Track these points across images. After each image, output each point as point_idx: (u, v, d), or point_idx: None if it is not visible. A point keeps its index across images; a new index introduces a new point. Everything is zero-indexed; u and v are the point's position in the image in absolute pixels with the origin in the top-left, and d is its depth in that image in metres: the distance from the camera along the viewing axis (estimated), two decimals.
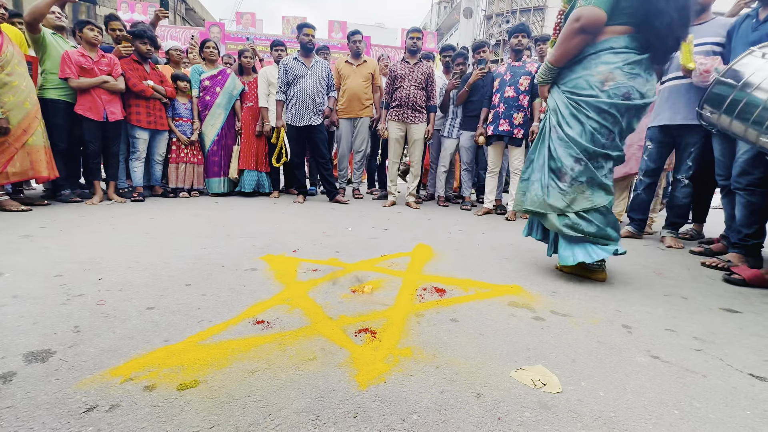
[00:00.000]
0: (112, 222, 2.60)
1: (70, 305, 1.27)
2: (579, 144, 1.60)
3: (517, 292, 1.60)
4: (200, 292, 1.44)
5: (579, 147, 1.60)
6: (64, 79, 3.08)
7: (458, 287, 1.62)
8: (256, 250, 2.06)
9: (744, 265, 1.93)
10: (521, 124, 3.31)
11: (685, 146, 2.63)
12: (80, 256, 1.79)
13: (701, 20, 2.50)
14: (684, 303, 1.57)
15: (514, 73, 3.34)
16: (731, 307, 1.54)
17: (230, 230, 2.51)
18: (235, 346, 1.07)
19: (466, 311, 1.37)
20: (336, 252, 2.10)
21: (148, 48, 3.52)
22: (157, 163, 3.83)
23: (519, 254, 2.22)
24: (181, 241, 2.16)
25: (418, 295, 1.51)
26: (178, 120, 3.87)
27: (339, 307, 1.36)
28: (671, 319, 1.39)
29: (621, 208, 3.37)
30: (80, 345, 1.03)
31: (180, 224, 2.64)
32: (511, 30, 3.42)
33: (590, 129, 1.59)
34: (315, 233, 2.53)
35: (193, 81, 3.92)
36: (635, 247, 2.59)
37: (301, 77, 3.70)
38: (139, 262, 1.75)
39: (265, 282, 1.58)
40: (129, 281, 1.52)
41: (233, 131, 4.17)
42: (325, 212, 3.44)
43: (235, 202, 3.77)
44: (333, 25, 14.75)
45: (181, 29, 15.06)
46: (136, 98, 3.51)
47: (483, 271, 1.86)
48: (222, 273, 1.66)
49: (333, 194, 4.03)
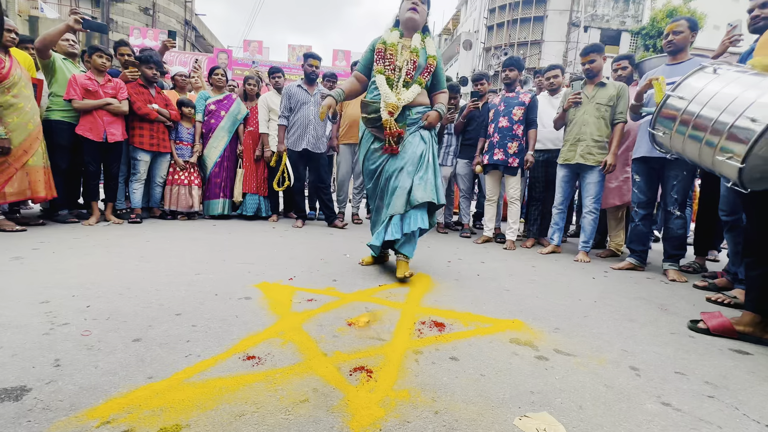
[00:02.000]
0: (107, 244, 2.56)
1: (53, 335, 1.22)
2: None
3: (518, 327, 1.54)
4: (190, 323, 1.38)
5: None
6: (69, 101, 3.13)
7: (458, 321, 1.56)
8: (252, 277, 2.01)
9: (717, 312, 1.72)
10: (516, 153, 3.35)
11: (667, 179, 2.65)
12: (70, 281, 1.74)
13: (677, 60, 2.57)
14: (692, 342, 1.51)
15: (507, 103, 3.40)
16: (741, 348, 1.49)
17: (226, 255, 2.47)
18: (223, 384, 1.01)
19: (467, 348, 1.31)
20: (333, 280, 2.05)
21: (154, 72, 3.60)
22: (158, 185, 3.83)
23: (520, 286, 2.17)
24: (175, 266, 2.12)
25: (416, 330, 1.45)
26: (180, 143, 3.91)
27: (334, 342, 1.30)
28: (680, 361, 1.33)
29: (620, 239, 3.35)
30: (59, 381, 0.97)
31: (176, 248, 2.60)
32: (503, 62, 3.52)
33: None
34: (312, 260, 2.49)
35: (199, 106, 3.99)
36: (638, 280, 2.55)
37: (303, 104, 3.76)
38: (129, 289, 1.70)
39: (259, 312, 1.53)
40: (117, 309, 1.46)
41: (235, 154, 4.21)
42: (324, 237, 3.40)
43: (233, 226, 3.74)
44: (337, 54, 15.28)
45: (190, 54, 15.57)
46: (140, 121, 3.55)
47: (483, 304, 1.81)
48: (214, 302, 1.61)
49: (332, 219, 4.02)
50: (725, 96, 1.41)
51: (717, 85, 1.46)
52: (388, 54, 2.10)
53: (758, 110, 1.29)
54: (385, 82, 2.07)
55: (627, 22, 19.17)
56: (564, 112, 3.12)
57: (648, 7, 19.07)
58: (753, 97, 1.33)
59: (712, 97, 1.45)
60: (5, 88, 2.69)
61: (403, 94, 2.07)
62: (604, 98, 2.96)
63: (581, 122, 3.03)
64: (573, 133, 3.08)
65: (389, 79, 2.08)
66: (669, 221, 2.68)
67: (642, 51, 17.55)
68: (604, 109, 2.97)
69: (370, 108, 2.13)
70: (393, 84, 2.08)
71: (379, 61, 2.12)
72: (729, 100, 1.39)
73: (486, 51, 20.66)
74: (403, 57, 2.10)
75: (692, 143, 1.52)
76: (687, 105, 1.52)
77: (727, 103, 1.38)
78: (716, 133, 1.40)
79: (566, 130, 3.18)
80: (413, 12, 2.09)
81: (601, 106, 2.97)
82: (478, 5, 22.24)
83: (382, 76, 2.09)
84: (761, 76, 1.39)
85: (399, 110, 2.07)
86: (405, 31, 2.15)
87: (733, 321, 1.58)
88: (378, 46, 2.13)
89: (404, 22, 2.12)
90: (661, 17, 17.23)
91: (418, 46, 2.11)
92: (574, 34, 19.09)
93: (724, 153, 1.37)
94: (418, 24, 2.12)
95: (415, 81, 2.11)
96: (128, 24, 17.57)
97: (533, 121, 3.36)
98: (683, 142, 1.56)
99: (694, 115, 1.48)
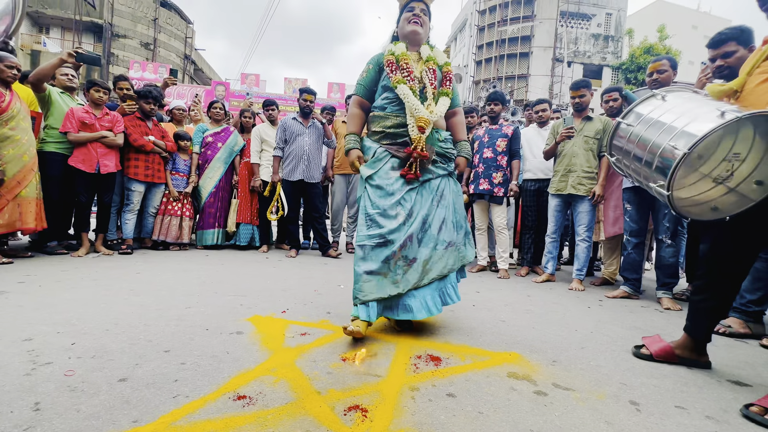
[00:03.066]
0: (96, 277, 2.51)
1: (34, 376, 1.17)
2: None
3: (516, 360, 1.52)
4: (179, 360, 1.34)
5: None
6: (65, 133, 3.16)
7: (454, 355, 1.54)
8: (244, 310, 1.97)
9: (657, 336, 1.70)
10: (501, 183, 3.43)
11: (658, 207, 2.71)
12: (55, 317, 1.69)
13: None
14: (690, 374, 1.50)
15: (491, 135, 3.52)
16: (739, 379, 1.48)
17: (218, 287, 2.43)
18: (211, 428, 0.97)
19: (464, 384, 1.28)
20: (327, 313, 2.02)
21: (152, 107, 3.68)
22: (151, 215, 3.81)
23: (516, 316, 2.15)
24: (165, 299, 2.07)
25: (412, 365, 1.42)
26: (175, 174, 3.93)
27: (328, 379, 1.27)
28: (679, 394, 1.32)
29: (614, 267, 3.37)
30: (37, 427, 0.93)
31: (167, 280, 2.55)
32: (487, 97, 3.67)
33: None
34: (306, 291, 2.45)
35: (196, 138, 4.06)
36: (633, 308, 2.54)
37: (298, 135, 3.87)
38: (117, 324, 1.65)
39: (251, 348, 1.49)
40: (104, 346, 1.42)
41: (230, 185, 4.25)
42: (318, 268, 3.37)
43: (226, 256, 3.70)
44: (332, 86, 15.78)
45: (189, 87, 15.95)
46: (136, 152, 3.58)
47: (480, 336, 1.78)
48: (205, 337, 1.57)
49: (326, 249, 4.02)
50: (661, 124, 1.40)
51: (659, 112, 1.45)
52: (402, 64, 1.73)
53: (680, 138, 1.29)
54: (410, 93, 1.68)
55: (607, 57, 20.23)
56: (555, 144, 3.22)
57: (626, 44, 20.21)
58: (682, 124, 1.32)
59: (649, 126, 1.44)
60: (3, 121, 2.72)
61: (436, 108, 1.72)
62: (591, 132, 3.08)
63: (571, 154, 3.13)
64: (564, 164, 3.17)
65: (412, 90, 1.71)
66: (661, 249, 2.72)
67: (624, 84, 18.43)
68: (591, 142, 3.08)
69: (390, 122, 1.74)
70: (415, 95, 1.71)
71: (396, 72, 1.73)
72: (662, 128, 1.38)
73: (475, 84, 21.51)
74: (419, 67, 1.79)
75: (638, 169, 1.50)
76: (630, 134, 1.51)
77: (659, 131, 1.39)
78: (649, 163, 1.41)
79: (557, 161, 3.27)
80: (416, 24, 1.79)
81: (589, 139, 3.08)
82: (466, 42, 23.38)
83: (404, 86, 1.69)
84: (700, 101, 1.40)
85: (431, 126, 1.71)
86: (409, 45, 1.84)
87: (672, 345, 1.60)
88: (387, 58, 1.76)
89: (406, 35, 1.81)
90: (638, 53, 18.24)
91: (431, 55, 1.82)
92: (559, 69, 20.03)
93: (656, 180, 1.38)
94: (421, 38, 1.83)
95: (441, 92, 1.79)
96: (129, 58, 18.06)
97: (516, 152, 3.47)
98: (633, 168, 1.53)
99: (635, 143, 1.47)
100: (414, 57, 1.82)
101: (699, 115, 1.31)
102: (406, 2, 1.83)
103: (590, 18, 21.51)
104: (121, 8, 18.94)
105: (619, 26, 21.14)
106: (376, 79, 1.82)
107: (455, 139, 1.93)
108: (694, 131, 1.26)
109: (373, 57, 1.86)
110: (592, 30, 21.22)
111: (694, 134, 1.25)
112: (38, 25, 19.07)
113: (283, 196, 3.92)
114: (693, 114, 1.34)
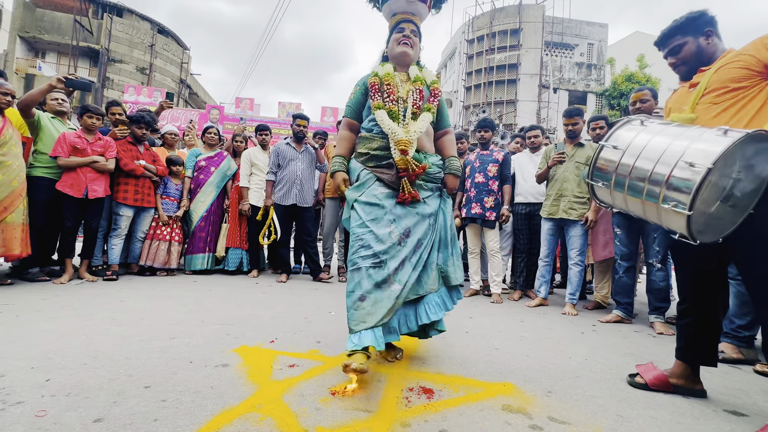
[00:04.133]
0: (77, 306, 2.42)
1: (2, 418, 1.10)
2: None
3: (510, 392, 1.48)
4: (160, 397, 1.28)
5: None
6: (55, 158, 3.13)
7: (447, 386, 1.49)
8: (230, 340, 1.91)
9: (650, 363, 1.67)
10: (493, 207, 3.47)
11: (648, 232, 2.74)
12: (31, 350, 1.62)
13: None
14: (686, 404, 1.47)
15: (482, 160, 3.59)
16: (735, 409, 1.45)
17: (205, 315, 2.36)
18: None
19: (457, 418, 1.24)
20: (317, 342, 1.96)
21: (144, 132, 3.69)
22: (139, 240, 3.74)
23: (509, 344, 2.12)
24: (148, 329, 2.00)
25: (404, 398, 1.38)
26: (166, 198, 3.89)
27: (316, 416, 1.22)
28: (677, 426, 1.29)
29: (606, 290, 3.38)
30: None
31: (152, 308, 2.48)
32: (477, 124, 3.76)
33: None
34: (296, 319, 2.40)
35: (189, 162, 4.06)
36: (626, 333, 2.53)
37: (291, 160, 3.89)
38: (96, 358, 1.58)
39: (236, 382, 1.43)
40: (81, 382, 1.35)
41: (221, 209, 4.23)
42: (308, 293, 3.32)
43: (214, 282, 3.63)
44: (326, 110, 16.05)
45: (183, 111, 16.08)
46: (126, 176, 3.55)
47: (473, 365, 1.74)
48: (189, 370, 1.51)
49: (317, 273, 3.98)
50: (657, 146, 1.34)
51: (646, 135, 1.41)
52: (385, 86, 1.70)
53: (694, 156, 1.22)
54: (387, 116, 1.65)
55: (591, 84, 21.04)
56: (548, 169, 3.28)
57: (609, 72, 21.09)
58: (684, 145, 1.27)
59: (644, 148, 1.37)
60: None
61: (412, 126, 1.67)
62: (583, 158, 3.15)
63: (562, 179, 3.19)
64: (555, 188, 3.22)
65: (392, 113, 1.67)
66: (651, 274, 2.73)
67: (608, 110, 19.09)
68: (583, 168, 3.14)
69: (375, 144, 1.69)
70: (397, 118, 1.68)
71: (376, 96, 1.70)
72: (662, 149, 1.32)
73: (465, 109, 22.10)
74: (406, 87, 1.74)
75: (633, 196, 1.40)
76: (621, 156, 1.43)
77: (660, 153, 1.31)
78: (656, 183, 1.31)
79: (549, 185, 3.33)
80: (405, 46, 1.74)
81: (580, 165, 3.15)
82: (456, 69, 24.19)
83: (381, 110, 1.67)
84: (684, 126, 1.38)
85: (413, 145, 1.65)
86: (398, 66, 1.79)
87: (666, 373, 1.58)
88: (371, 80, 1.73)
89: (396, 56, 1.77)
90: (621, 81, 19.01)
91: (419, 75, 1.78)
92: (545, 95, 20.74)
93: (669, 202, 1.27)
94: (411, 59, 1.78)
95: (424, 108, 1.73)
96: (124, 82, 18.23)
97: (507, 177, 3.54)
98: (624, 196, 1.44)
99: (630, 167, 1.39)
100: (402, 77, 1.78)
101: (698, 136, 1.27)
102: (396, 22, 1.79)
103: (573, 48, 22.51)
104: (118, 34, 19.31)
105: (601, 55, 22.13)
106: (363, 100, 1.80)
107: (444, 156, 1.83)
108: (707, 148, 1.20)
109: (361, 78, 1.83)
110: (575, 59, 22.16)
111: (711, 150, 1.18)
112: (34, 49, 19.31)
113: (275, 220, 3.90)
114: (689, 135, 1.30)
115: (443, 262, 1.72)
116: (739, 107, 1.36)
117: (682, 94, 1.58)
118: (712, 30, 1.50)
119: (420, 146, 1.72)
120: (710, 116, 1.41)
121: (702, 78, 1.47)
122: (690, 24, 1.54)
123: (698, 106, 1.45)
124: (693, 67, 1.55)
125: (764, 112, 1.32)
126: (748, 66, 1.35)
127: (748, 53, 1.36)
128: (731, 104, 1.37)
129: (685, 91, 1.56)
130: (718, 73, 1.41)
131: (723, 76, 1.40)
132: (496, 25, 21.74)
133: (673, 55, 1.60)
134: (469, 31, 22.73)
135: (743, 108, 1.35)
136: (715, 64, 1.46)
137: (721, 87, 1.39)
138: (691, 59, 1.55)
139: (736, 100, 1.37)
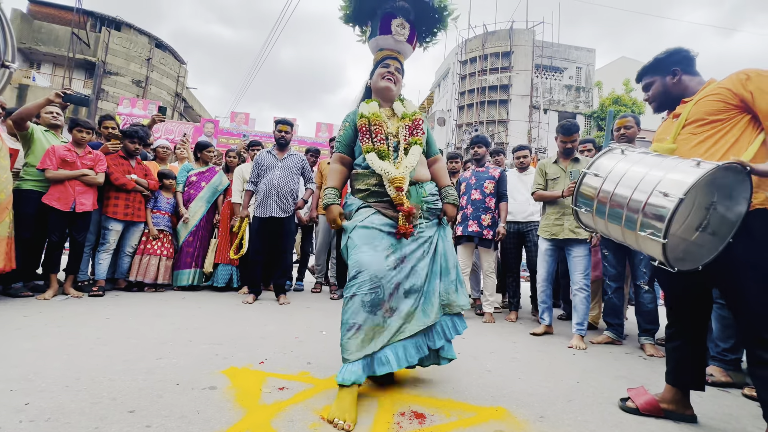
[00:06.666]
0: (61, 323, 2.35)
1: None
2: None
3: (502, 416, 1.47)
4: (144, 422, 1.24)
5: None
6: (43, 170, 3.09)
7: (439, 411, 1.48)
8: (219, 361, 1.87)
9: (642, 387, 1.67)
10: (490, 225, 3.46)
11: (635, 253, 2.75)
12: (10, 372, 1.56)
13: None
14: (677, 430, 1.47)
15: (478, 177, 3.61)
16: (726, 430, 1.46)
17: (193, 334, 2.31)
18: None
19: None
20: (308, 363, 1.93)
21: (136, 147, 3.68)
22: (127, 255, 3.68)
23: (501, 366, 2.11)
24: (134, 349, 1.95)
25: (395, 423, 1.36)
26: (156, 212, 3.86)
27: None
28: None
29: (597, 311, 3.40)
30: None
31: (138, 326, 2.42)
32: (471, 140, 3.81)
33: None
34: (286, 338, 2.36)
35: (181, 176, 4.04)
36: (617, 355, 2.53)
37: (269, 169, 3.59)
38: (79, 380, 1.53)
39: (224, 406, 1.40)
40: (61, 406, 1.30)
41: (211, 224, 4.19)
42: (300, 312, 3.27)
43: (203, 299, 3.56)
44: (320, 126, 16.21)
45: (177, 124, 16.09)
46: (116, 191, 3.53)
47: (465, 388, 1.73)
48: (175, 394, 1.47)
49: (282, 291, 3.66)
50: (635, 175, 1.40)
51: (625, 164, 1.46)
52: (373, 127, 1.72)
53: (668, 186, 1.27)
54: (377, 158, 1.67)
55: (580, 106, 21.67)
56: (561, 196, 2.98)
57: (596, 95, 21.78)
58: (660, 175, 1.33)
59: (623, 176, 1.43)
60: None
61: (404, 161, 1.68)
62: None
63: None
64: (557, 208, 3.01)
65: (381, 152, 1.69)
66: (639, 296, 2.76)
67: (596, 131, 19.62)
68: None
69: (374, 179, 1.70)
70: (388, 156, 1.69)
71: (365, 140, 1.72)
72: (639, 178, 1.37)
73: (458, 127, 22.51)
74: (394, 123, 1.79)
75: (613, 222, 1.46)
76: (602, 183, 1.49)
77: (637, 181, 1.37)
78: (634, 210, 1.36)
79: (549, 204, 3.12)
80: (389, 82, 1.80)
81: None
82: (449, 88, 24.73)
83: (372, 153, 1.69)
84: (662, 156, 1.44)
85: (407, 181, 1.66)
86: (381, 101, 1.84)
87: (657, 398, 1.58)
88: (359, 123, 1.75)
89: (379, 91, 1.83)
90: (608, 103, 19.66)
91: (406, 112, 1.82)
92: (536, 115, 21.26)
93: (645, 229, 1.32)
94: (394, 95, 1.84)
95: (411, 142, 1.75)
96: (119, 94, 18.25)
97: (504, 194, 3.55)
98: (605, 222, 1.50)
99: (610, 194, 1.45)
100: (387, 113, 1.82)
101: (674, 166, 1.33)
102: (382, 57, 1.84)
103: (562, 71, 23.24)
104: (115, 47, 19.42)
105: (589, 78, 22.87)
106: (353, 137, 1.81)
107: (439, 186, 1.86)
108: (681, 178, 1.25)
109: (349, 114, 1.85)
110: (564, 81, 22.85)
111: (684, 181, 1.23)
112: (30, 60, 19.29)
113: (247, 232, 3.74)
114: (665, 165, 1.36)
115: (444, 290, 1.71)
116: (716, 139, 1.41)
117: (666, 124, 1.64)
118: (678, 69, 1.57)
119: (416, 177, 1.74)
120: (689, 147, 1.46)
121: (683, 109, 1.53)
122: (657, 65, 1.63)
123: (679, 136, 1.50)
124: (662, 103, 1.65)
125: (740, 144, 1.37)
126: (724, 99, 1.40)
127: (725, 86, 1.42)
128: (708, 136, 1.43)
129: (669, 122, 1.62)
130: (697, 105, 1.47)
131: (701, 108, 1.45)
132: (489, 47, 22.42)
133: (645, 92, 1.71)
134: (462, 53, 23.37)
135: (720, 140, 1.40)
136: (696, 95, 1.52)
137: (700, 119, 1.45)
138: (659, 97, 1.64)
139: (714, 132, 1.42)
